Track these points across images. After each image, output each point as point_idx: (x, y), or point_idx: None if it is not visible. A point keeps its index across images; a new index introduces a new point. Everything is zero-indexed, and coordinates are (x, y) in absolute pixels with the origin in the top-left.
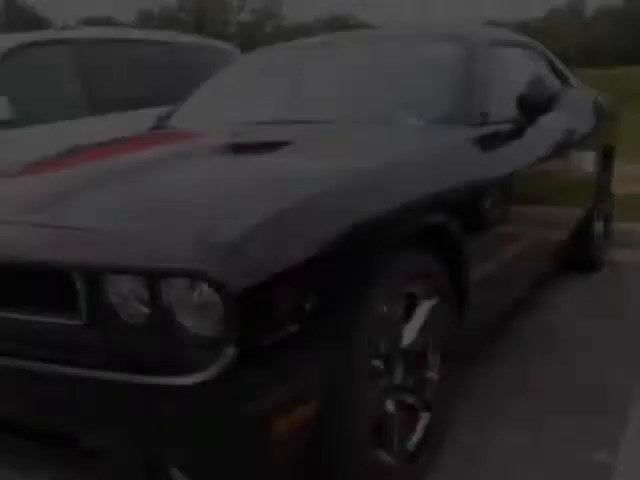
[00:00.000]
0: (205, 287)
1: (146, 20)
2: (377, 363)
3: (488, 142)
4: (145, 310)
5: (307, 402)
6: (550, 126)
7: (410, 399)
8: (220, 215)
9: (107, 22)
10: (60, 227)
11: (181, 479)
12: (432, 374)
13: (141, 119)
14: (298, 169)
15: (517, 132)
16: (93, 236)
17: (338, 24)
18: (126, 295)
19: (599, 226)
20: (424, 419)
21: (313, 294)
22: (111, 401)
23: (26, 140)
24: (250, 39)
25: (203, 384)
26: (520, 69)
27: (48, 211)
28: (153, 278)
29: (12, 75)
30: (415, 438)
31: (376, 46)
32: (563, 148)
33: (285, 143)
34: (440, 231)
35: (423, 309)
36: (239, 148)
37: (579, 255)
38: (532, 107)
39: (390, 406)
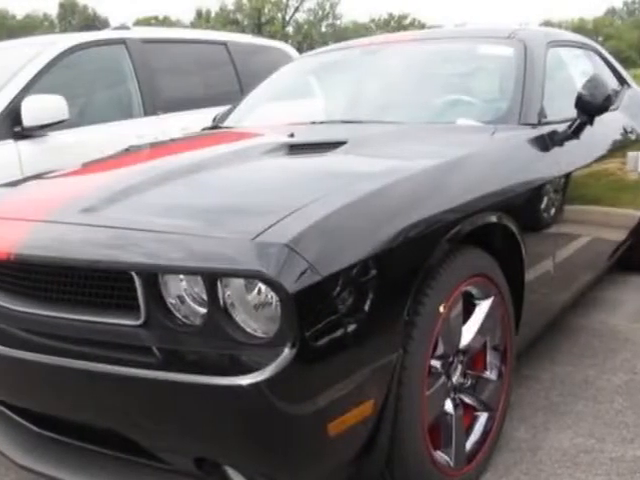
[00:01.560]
0: (262, 287)
1: (204, 20)
2: (435, 363)
3: (546, 142)
4: (202, 310)
5: (363, 402)
6: (607, 126)
7: (468, 399)
8: (277, 215)
9: (164, 22)
10: (118, 227)
11: (236, 478)
12: (489, 374)
13: (198, 119)
14: (354, 169)
15: (575, 132)
16: (150, 236)
17: (394, 24)
18: (183, 295)
19: None
20: (481, 419)
21: (370, 293)
22: (167, 401)
23: (81, 140)
24: (306, 38)
25: (259, 384)
26: (577, 69)
27: (105, 211)
28: (210, 278)
29: (67, 75)
30: (473, 438)
31: (434, 46)
32: (621, 148)
33: (341, 143)
34: (499, 230)
35: (481, 309)
36: (295, 148)
37: (637, 255)
38: (589, 107)
39: (448, 406)
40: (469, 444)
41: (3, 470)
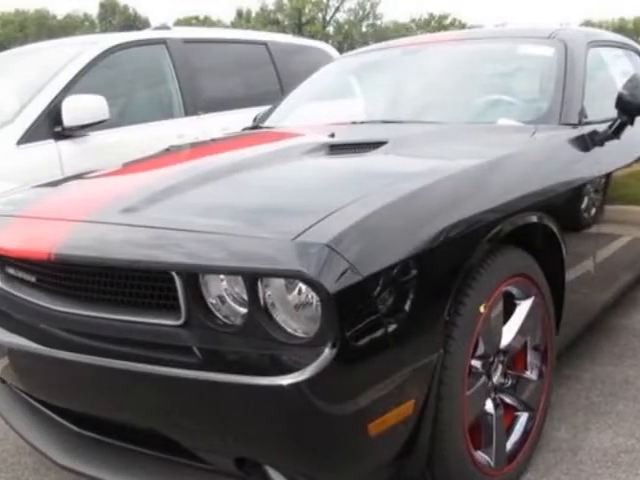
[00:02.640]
0: (303, 287)
1: (244, 20)
2: (475, 363)
3: (586, 142)
4: (242, 310)
5: (404, 402)
6: None
7: (509, 399)
8: (317, 215)
9: (205, 22)
10: (158, 227)
11: (277, 478)
12: (530, 374)
13: (238, 119)
14: (394, 169)
15: (615, 132)
16: (191, 236)
17: (434, 23)
18: (223, 295)
19: None
20: (522, 419)
21: (410, 293)
22: (208, 401)
23: (122, 140)
24: (346, 38)
25: (300, 384)
26: (618, 69)
27: (146, 211)
28: (250, 278)
29: (108, 75)
30: (513, 438)
31: (474, 46)
32: None
33: (381, 143)
34: (540, 230)
35: (521, 309)
36: (335, 148)
37: None
38: (630, 107)
39: (489, 406)
40: (509, 444)
41: (44, 470)
